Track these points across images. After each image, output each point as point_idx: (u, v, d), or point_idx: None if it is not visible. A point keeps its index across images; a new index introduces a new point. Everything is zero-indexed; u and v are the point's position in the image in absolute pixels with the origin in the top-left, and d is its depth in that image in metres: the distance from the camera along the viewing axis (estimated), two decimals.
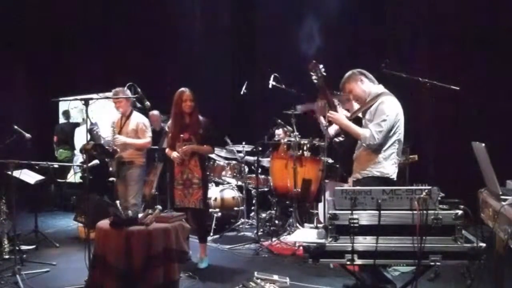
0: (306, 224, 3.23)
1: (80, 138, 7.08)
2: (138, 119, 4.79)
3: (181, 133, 4.26)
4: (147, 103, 4.75)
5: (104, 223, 3.47)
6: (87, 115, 3.74)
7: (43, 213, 6.95)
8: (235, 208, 5.84)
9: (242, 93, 5.48)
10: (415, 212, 2.36)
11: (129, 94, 4.62)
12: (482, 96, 5.57)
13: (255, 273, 3.75)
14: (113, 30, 8.50)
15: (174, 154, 4.25)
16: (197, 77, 7.47)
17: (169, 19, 7.99)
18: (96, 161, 5.52)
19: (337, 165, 5.12)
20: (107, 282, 3.30)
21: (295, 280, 3.77)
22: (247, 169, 6.01)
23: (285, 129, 5.60)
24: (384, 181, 3.12)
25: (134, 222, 3.40)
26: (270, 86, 4.96)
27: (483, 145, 2.57)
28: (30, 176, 5.11)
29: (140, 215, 3.53)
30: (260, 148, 5.72)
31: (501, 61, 5.51)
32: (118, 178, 4.77)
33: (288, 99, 4.67)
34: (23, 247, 4.78)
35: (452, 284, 3.65)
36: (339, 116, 3.33)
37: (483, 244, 2.36)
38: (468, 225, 2.47)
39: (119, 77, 5.63)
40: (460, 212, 2.38)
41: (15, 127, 4.72)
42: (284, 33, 6.96)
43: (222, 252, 4.92)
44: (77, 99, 4.46)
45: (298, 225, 5.23)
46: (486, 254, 2.37)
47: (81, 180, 6.50)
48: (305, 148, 5.22)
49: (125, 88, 4.70)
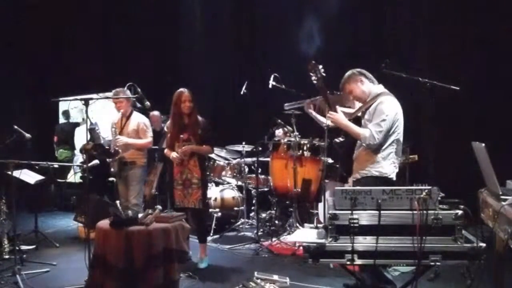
0: (306, 224, 3.22)
1: (80, 138, 7.08)
2: (139, 119, 4.79)
3: (180, 134, 4.26)
4: (147, 103, 4.74)
5: (104, 223, 3.47)
6: (87, 115, 3.74)
7: (43, 213, 6.95)
8: (235, 208, 5.84)
9: (242, 93, 5.48)
10: (415, 212, 2.36)
11: (129, 94, 4.62)
12: (482, 96, 5.56)
13: (255, 273, 3.75)
14: (113, 30, 8.50)
15: (173, 155, 4.24)
16: (197, 77, 7.48)
17: (169, 19, 7.99)
18: (96, 161, 5.53)
19: (337, 165, 5.13)
20: (107, 282, 3.30)
21: (295, 280, 3.77)
22: (247, 169, 6.01)
23: (285, 129, 5.60)
24: (383, 181, 3.12)
25: (134, 222, 3.40)
26: (270, 86, 4.95)
27: (483, 145, 2.57)
28: (30, 176, 5.11)
29: (140, 215, 3.52)
30: (260, 148, 5.72)
31: (501, 61, 5.52)
32: (120, 179, 4.77)
33: (288, 99, 4.66)
34: (23, 247, 4.79)
35: (452, 284, 3.65)
36: (339, 117, 3.32)
37: (483, 244, 2.36)
38: (468, 225, 2.47)
39: (119, 77, 5.62)
40: (460, 212, 2.38)
41: (15, 127, 4.71)
42: (284, 33, 6.96)
43: (222, 252, 4.92)
44: (77, 99, 4.45)
45: (298, 225, 5.23)
46: (486, 254, 2.36)
47: (81, 180, 6.50)
48: (305, 148, 5.22)
49: (125, 88, 4.69)
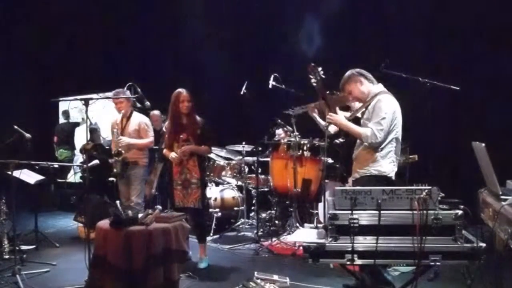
0: (306, 224, 3.23)
1: (80, 138, 7.08)
2: (140, 119, 4.79)
3: (179, 134, 4.26)
4: (147, 103, 4.75)
5: (104, 223, 3.46)
6: (87, 115, 3.74)
7: (43, 213, 6.93)
8: (235, 208, 5.84)
9: (242, 93, 5.48)
10: (415, 212, 2.36)
11: (129, 95, 4.62)
12: (482, 96, 5.56)
13: (255, 273, 3.75)
14: (113, 30, 8.50)
15: (172, 155, 4.24)
16: (197, 77, 7.48)
17: (169, 19, 7.99)
18: (96, 161, 5.53)
19: (337, 165, 5.13)
20: (107, 282, 3.29)
21: (295, 280, 3.77)
22: (247, 169, 6.01)
23: (285, 129, 5.60)
24: (382, 180, 3.12)
25: (134, 222, 3.40)
26: (270, 86, 4.95)
27: (483, 145, 2.57)
28: (30, 176, 5.11)
29: (140, 215, 3.52)
30: (260, 148, 5.71)
31: (502, 61, 5.51)
32: (122, 179, 4.77)
33: (288, 99, 4.67)
34: (23, 247, 4.78)
35: (452, 284, 3.65)
36: (338, 118, 3.32)
37: (483, 244, 2.36)
38: (468, 225, 2.47)
39: (119, 77, 5.62)
40: (460, 212, 2.38)
41: (15, 127, 4.72)
42: (285, 33, 6.96)
43: (222, 252, 4.92)
44: (77, 99, 4.46)
45: (298, 225, 5.22)
46: (486, 254, 2.36)
47: (81, 180, 6.50)
48: (305, 148, 5.22)
49: (125, 89, 4.69)
